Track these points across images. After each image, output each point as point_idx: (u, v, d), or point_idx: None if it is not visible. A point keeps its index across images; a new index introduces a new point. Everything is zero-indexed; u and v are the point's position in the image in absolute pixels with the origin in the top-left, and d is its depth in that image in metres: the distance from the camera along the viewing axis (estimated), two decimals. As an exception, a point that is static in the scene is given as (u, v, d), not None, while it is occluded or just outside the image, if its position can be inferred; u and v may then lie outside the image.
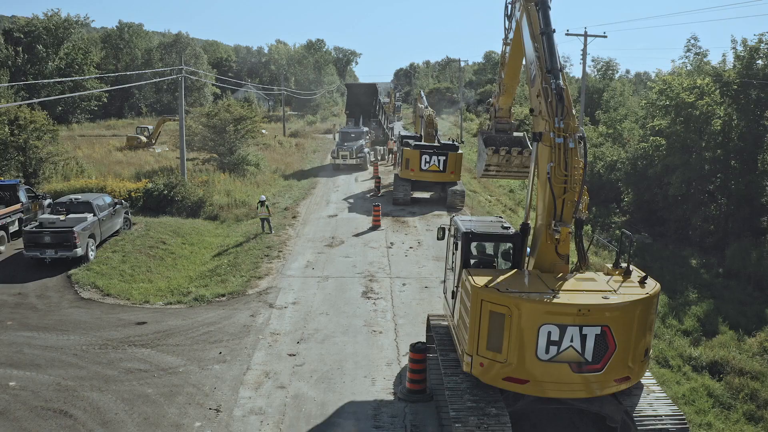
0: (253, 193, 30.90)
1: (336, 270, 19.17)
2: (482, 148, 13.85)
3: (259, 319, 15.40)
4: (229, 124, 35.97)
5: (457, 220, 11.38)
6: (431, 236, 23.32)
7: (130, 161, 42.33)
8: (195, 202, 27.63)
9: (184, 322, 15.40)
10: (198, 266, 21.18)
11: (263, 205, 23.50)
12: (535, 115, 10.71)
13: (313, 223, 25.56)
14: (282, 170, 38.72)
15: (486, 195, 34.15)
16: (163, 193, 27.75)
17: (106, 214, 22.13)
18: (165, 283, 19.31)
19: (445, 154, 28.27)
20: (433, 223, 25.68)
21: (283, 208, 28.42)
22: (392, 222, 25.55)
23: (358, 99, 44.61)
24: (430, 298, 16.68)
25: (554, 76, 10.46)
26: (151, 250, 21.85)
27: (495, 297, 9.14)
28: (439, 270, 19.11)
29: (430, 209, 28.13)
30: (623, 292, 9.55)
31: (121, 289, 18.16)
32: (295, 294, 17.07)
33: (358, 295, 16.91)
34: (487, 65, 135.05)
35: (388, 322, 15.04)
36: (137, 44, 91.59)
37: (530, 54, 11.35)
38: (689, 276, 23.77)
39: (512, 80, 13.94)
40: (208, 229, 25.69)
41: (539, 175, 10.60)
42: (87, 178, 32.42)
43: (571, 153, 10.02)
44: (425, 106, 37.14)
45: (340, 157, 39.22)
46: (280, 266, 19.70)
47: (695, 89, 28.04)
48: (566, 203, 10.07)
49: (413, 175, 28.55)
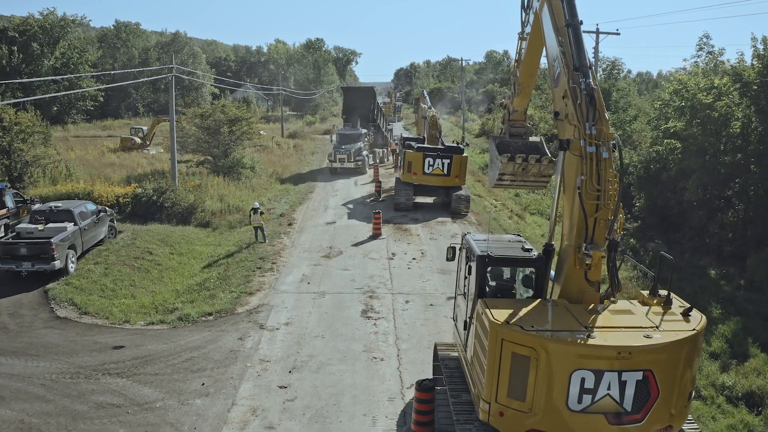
0: (248, 198, 29.48)
1: (333, 284, 17.75)
2: (495, 155, 12.41)
3: (247, 342, 13.98)
4: (224, 125, 34.54)
5: (470, 240, 9.95)
6: (435, 246, 21.92)
7: (123, 163, 40.99)
8: (186, 209, 26.22)
9: (165, 347, 13.98)
10: (186, 279, 19.77)
11: (257, 212, 22.10)
12: (561, 119, 9.29)
13: (309, 231, 24.14)
14: (279, 173, 37.29)
15: (491, 199, 32.74)
16: (152, 198, 26.33)
17: (88, 222, 20.72)
18: (149, 298, 17.90)
19: (450, 157, 26.85)
20: (437, 231, 24.26)
21: (279, 214, 27.00)
22: (393, 230, 24.13)
23: (355, 103, 42.25)
24: (436, 317, 15.26)
25: (583, 74, 9.04)
26: (137, 261, 20.43)
27: (518, 337, 7.72)
28: (445, 285, 17.71)
29: (434, 216, 26.72)
30: (667, 328, 8.14)
31: (101, 307, 16.76)
32: (289, 313, 15.65)
33: (357, 314, 15.49)
34: (488, 65, 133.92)
35: (390, 346, 13.62)
36: (134, 44, 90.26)
37: (553, 49, 9.92)
38: (709, 288, 22.35)
39: (529, 79, 12.50)
40: (199, 237, 24.27)
41: (565, 188, 9.18)
42: (74, 183, 30.99)
43: (605, 164, 8.60)
44: (428, 106, 35.46)
45: (337, 160, 37.22)
46: (273, 280, 18.28)
47: (713, 89, 26.61)
48: (599, 222, 8.65)
49: (416, 179, 27.14)
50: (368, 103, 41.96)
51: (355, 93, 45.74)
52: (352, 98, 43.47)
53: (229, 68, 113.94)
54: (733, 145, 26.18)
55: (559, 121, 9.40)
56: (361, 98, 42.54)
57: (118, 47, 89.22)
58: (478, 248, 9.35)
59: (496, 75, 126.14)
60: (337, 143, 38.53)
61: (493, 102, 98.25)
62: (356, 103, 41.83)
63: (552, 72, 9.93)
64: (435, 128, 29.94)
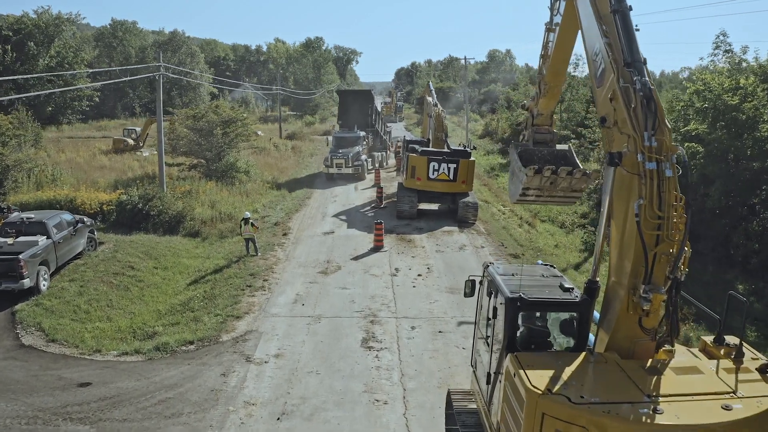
0: (241, 204, 27.73)
1: (331, 307, 15.98)
2: (518, 166, 10.65)
3: (231, 380, 12.22)
4: (217, 126, 32.78)
5: (495, 275, 8.19)
6: (442, 260, 20.16)
7: (113, 166, 39.29)
8: (173, 217, 24.42)
9: (138, 384, 12.22)
10: (169, 297, 18.01)
11: (248, 223, 20.34)
12: (609, 126, 7.53)
13: (306, 243, 22.38)
14: (275, 177, 35.48)
15: (498, 205, 30.94)
16: (138, 206, 24.55)
17: (64, 235, 18.97)
18: (127, 321, 16.15)
19: (456, 162, 25.09)
20: (443, 242, 22.48)
21: (273, 223, 25.23)
22: (396, 241, 22.36)
23: (352, 107, 39.69)
24: (446, 348, 13.50)
25: (637, 71, 7.30)
26: (116, 277, 18.67)
27: (565, 412, 5.97)
28: (454, 306, 15.95)
29: (439, 224, 24.95)
30: (747, 393, 6.41)
31: (72, 332, 15.01)
32: (280, 342, 13.88)
33: (356, 343, 13.73)
34: (490, 64, 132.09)
35: (395, 386, 11.85)
36: (131, 43, 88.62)
37: (593, 42, 8.18)
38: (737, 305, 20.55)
39: (557, 77, 10.74)
40: (187, 249, 22.50)
41: (614, 213, 7.43)
42: (58, 188, 29.23)
43: (668, 184, 6.85)
44: (434, 102, 32.76)
45: (334, 165, 34.67)
46: (263, 301, 16.51)
47: (739, 90, 24.76)
48: (659, 258, 6.90)
49: (420, 185, 25.37)
50: (366, 107, 39.62)
51: (352, 96, 43.29)
52: (348, 102, 40.88)
53: (228, 68, 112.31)
54: (761, 150, 24.34)
55: (605, 129, 7.64)
56: (358, 102, 40.13)
57: (115, 46, 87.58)
58: (507, 287, 7.58)
59: (499, 74, 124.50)
60: (334, 147, 36.01)
61: (496, 102, 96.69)
62: (353, 106, 39.42)
63: (593, 69, 8.17)
64: (441, 129, 28.01)
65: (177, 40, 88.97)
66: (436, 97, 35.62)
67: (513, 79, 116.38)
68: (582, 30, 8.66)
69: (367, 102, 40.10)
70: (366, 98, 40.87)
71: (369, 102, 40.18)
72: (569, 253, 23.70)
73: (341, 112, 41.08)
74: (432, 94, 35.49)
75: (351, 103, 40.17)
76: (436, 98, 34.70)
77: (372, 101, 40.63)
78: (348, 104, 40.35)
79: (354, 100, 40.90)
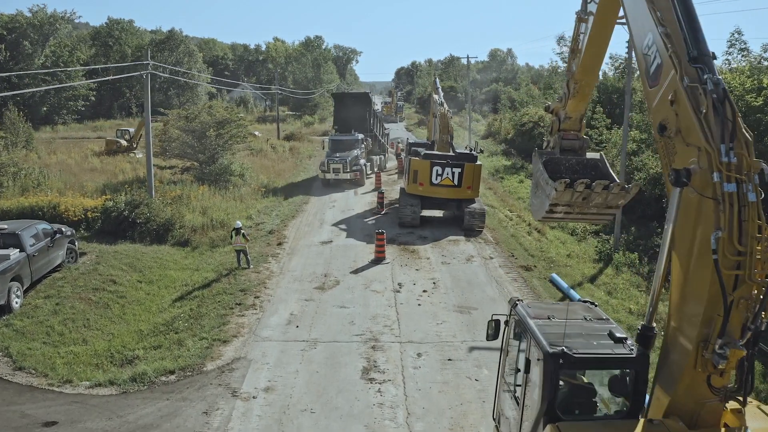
0: (234, 210, 26.28)
1: (328, 329, 14.52)
2: (543, 179, 9.19)
3: (214, 419, 10.76)
4: (210, 128, 31.34)
5: (525, 316, 6.73)
6: (448, 273, 18.71)
7: (105, 168, 37.86)
8: (162, 225, 22.96)
9: (108, 425, 10.77)
10: (153, 316, 16.56)
11: (239, 233, 18.89)
12: (669, 136, 6.08)
13: (302, 253, 20.92)
14: (272, 181, 34.01)
15: (505, 211, 29.48)
16: (123, 213, 23.09)
17: (40, 247, 17.53)
18: (105, 343, 14.72)
19: (461, 166, 23.57)
20: (450, 252, 21.01)
21: (268, 231, 23.77)
22: (399, 251, 20.90)
23: (349, 111, 37.08)
24: (457, 379, 12.04)
25: (707, 68, 5.86)
26: (96, 293, 17.22)
27: None
28: (464, 329, 14.50)
29: (444, 233, 23.48)
30: None
31: (42, 358, 13.58)
32: (270, 372, 12.42)
33: (356, 374, 12.27)
34: (492, 63, 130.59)
35: (401, 428, 10.39)
36: (127, 41, 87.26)
37: (643, 32, 6.72)
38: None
39: (590, 75, 9.29)
40: (175, 260, 21.04)
41: (678, 244, 5.98)
42: (43, 193, 27.76)
43: (751, 211, 5.41)
44: (440, 101, 30.75)
45: (330, 170, 32.33)
46: (254, 321, 15.06)
47: (763, 91, 23.32)
48: (737, 303, 5.45)
49: (422, 191, 23.87)
50: (363, 111, 37.20)
51: (349, 99, 40.80)
52: (344, 106, 38.32)
53: (227, 67, 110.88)
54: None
55: (664, 140, 6.18)
56: (355, 105, 37.62)
57: (111, 45, 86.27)
58: (545, 337, 6.11)
59: (500, 74, 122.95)
60: (330, 150, 33.59)
61: (498, 102, 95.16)
62: (350, 111, 37.04)
63: (644, 65, 6.71)
64: (446, 131, 26.46)
65: (174, 38, 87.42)
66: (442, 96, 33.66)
67: (515, 78, 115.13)
68: (627, 18, 7.21)
69: (365, 105, 37.82)
70: (363, 101, 38.54)
71: (366, 105, 37.91)
72: (583, 263, 22.25)
73: (337, 116, 38.54)
74: (438, 91, 33.55)
75: (348, 106, 37.81)
76: (443, 97, 32.71)
77: (370, 104, 38.35)
78: (344, 108, 37.91)
79: (351, 103, 38.45)
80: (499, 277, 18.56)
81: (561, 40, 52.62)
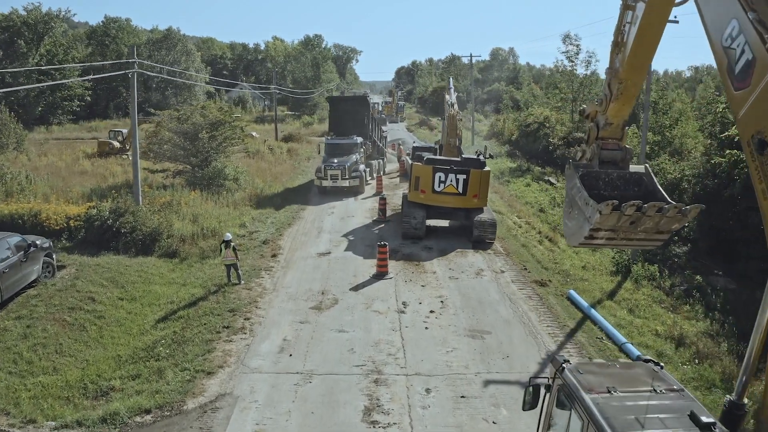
0: (227, 218, 24.78)
1: (324, 358, 13.00)
2: (582, 198, 7.67)
3: (191, 475, 9.26)
4: (202, 129, 29.83)
5: (579, 391, 5.22)
6: (457, 289, 17.20)
7: (96, 171, 36.39)
8: (148, 234, 21.44)
9: (67, 480, 9.28)
10: (133, 338, 15.05)
11: (229, 246, 17.37)
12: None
13: (297, 266, 19.40)
14: (268, 185, 32.49)
15: (513, 217, 27.99)
16: (107, 222, 21.58)
17: (12, 262, 16.08)
18: (78, 372, 13.23)
19: (466, 172, 21.94)
20: (458, 265, 19.48)
21: (262, 241, 22.24)
22: (403, 265, 19.38)
23: (345, 116, 33.96)
24: (472, 422, 10.53)
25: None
26: (72, 313, 15.72)
27: None
28: (478, 357, 13.00)
29: (452, 244, 21.94)
30: None
31: (5, 391, 12.13)
32: (259, 413, 10.90)
33: (356, 415, 10.76)
34: (493, 63, 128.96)
35: (408, 487, 8.89)
36: (124, 40, 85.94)
37: (723, 20, 5.23)
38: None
39: (637, 73, 7.78)
40: (161, 273, 19.53)
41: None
42: (26, 199, 26.25)
43: None
44: (451, 101, 28.65)
45: (328, 177, 29.79)
46: (242, 348, 13.54)
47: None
48: None
49: (424, 199, 22.21)
50: (361, 116, 34.34)
51: (345, 103, 37.72)
52: (340, 110, 35.29)
53: (225, 66, 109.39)
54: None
55: (763, 158, 4.68)
56: (351, 109, 34.72)
57: (107, 44, 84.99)
58: (609, 421, 4.61)
59: (502, 73, 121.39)
60: (327, 155, 30.96)
61: (500, 101, 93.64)
62: (346, 115, 34.17)
63: (724, 61, 5.20)
64: (454, 134, 24.80)
65: (172, 37, 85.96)
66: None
67: (517, 78, 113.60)
68: (698, 3, 5.70)
69: (363, 109, 34.99)
70: (362, 105, 35.69)
71: (365, 109, 35.07)
72: (600, 276, 20.78)
73: (333, 122, 35.62)
74: (451, 92, 31.61)
75: (344, 111, 34.99)
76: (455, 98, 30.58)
77: (368, 108, 35.52)
78: (340, 113, 35.06)
79: (347, 107, 35.57)
80: (512, 294, 17.06)
81: (567, 39, 50.75)
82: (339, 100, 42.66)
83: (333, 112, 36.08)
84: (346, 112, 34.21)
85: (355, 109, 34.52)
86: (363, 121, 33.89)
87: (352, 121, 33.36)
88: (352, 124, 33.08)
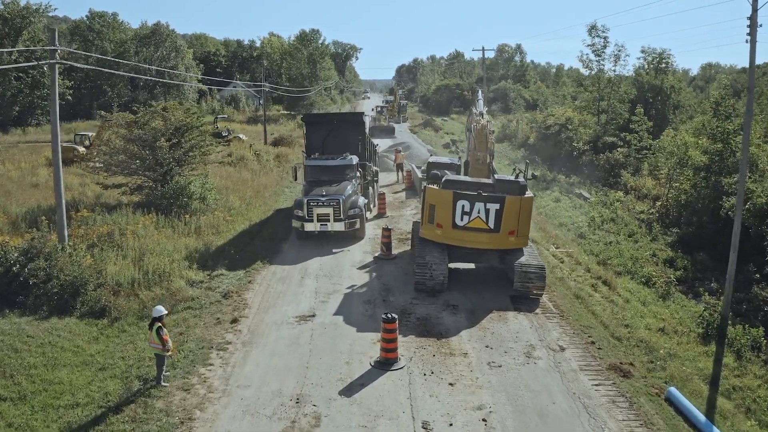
0: (184, 253, 18.94)
1: None
2: None
3: None
4: (161, 137, 23.96)
5: None
6: (503, 389, 11.34)
7: (50, 184, 30.45)
8: (68, 285, 15.58)
9: None
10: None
11: (152, 327, 11.48)
12: None
13: (266, 342, 13.47)
14: (246, 203, 26.63)
15: (550, 247, 22.15)
16: (13, 269, 15.74)
17: None
18: None
19: (500, 200, 15.73)
20: (497, 338, 13.58)
21: (222, 293, 16.36)
22: (417, 342, 13.41)
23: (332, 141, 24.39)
24: None
25: None
26: None
27: None
28: None
29: (483, 298, 15.98)
30: None
31: None
32: None
33: None
34: (499, 60, 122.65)
35: None
36: (109, 36, 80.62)
37: None
38: None
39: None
40: (76, 347, 13.64)
41: None
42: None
43: None
44: (479, 111, 22.17)
45: (315, 218, 20.65)
46: None
47: None
48: None
49: (441, 236, 16.08)
50: (355, 136, 24.51)
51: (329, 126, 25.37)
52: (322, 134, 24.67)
53: (219, 64, 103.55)
54: None
55: None
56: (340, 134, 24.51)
57: (91, 40, 79.73)
58: None
59: (508, 71, 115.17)
60: (308, 185, 22.04)
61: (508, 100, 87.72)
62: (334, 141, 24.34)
63: None
64: (484, 148, 18.67)
65: (160, 32, 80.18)
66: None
67: (524, 75, 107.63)
68: None
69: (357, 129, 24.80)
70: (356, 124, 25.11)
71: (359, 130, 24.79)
72: (688, 345, 15.00)
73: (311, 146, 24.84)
74: (479, 102, 24.77)
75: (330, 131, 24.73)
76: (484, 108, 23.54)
77: (363, 128, 25.05)
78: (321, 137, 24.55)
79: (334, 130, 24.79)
80: (587, 396, 11.21)
81: (593, 30, 44.90)
82: (322, 119, 31.52)
83: (312, 134, 25.06)
84: (334, 137, 24.45)
85: (347, 128, 24.76)
86: (356, 142, 24.39)
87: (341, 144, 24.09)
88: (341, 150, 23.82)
